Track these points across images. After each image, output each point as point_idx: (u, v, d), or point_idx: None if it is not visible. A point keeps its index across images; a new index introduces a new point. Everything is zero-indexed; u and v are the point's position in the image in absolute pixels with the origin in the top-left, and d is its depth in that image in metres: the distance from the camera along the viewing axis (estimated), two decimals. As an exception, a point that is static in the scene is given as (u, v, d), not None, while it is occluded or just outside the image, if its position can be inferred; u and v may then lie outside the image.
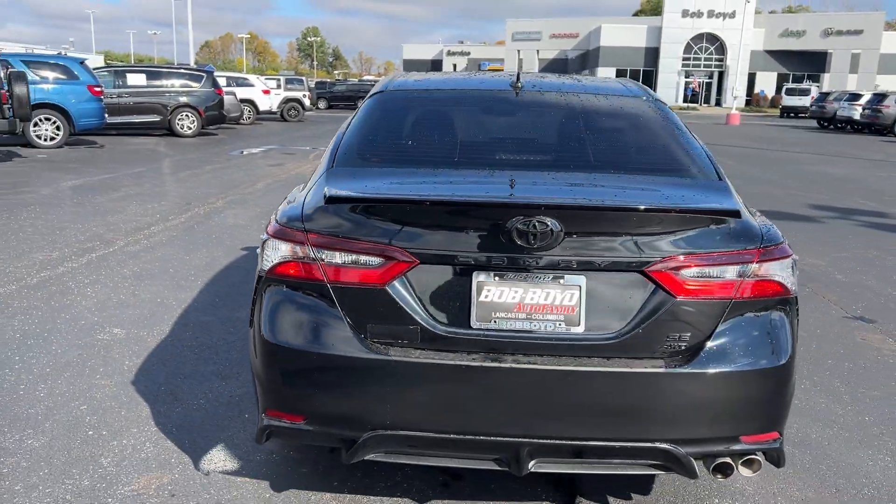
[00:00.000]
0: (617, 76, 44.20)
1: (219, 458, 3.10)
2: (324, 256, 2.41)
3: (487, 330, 2.38)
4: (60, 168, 12.19)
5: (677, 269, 2.36)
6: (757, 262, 2.41)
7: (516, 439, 2.35)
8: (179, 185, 10.80)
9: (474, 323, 2.37)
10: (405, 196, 2.54)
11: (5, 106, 12.34)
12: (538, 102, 3.35)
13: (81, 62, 16.62)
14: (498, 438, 2.36)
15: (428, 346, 2.37)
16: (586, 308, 2.37)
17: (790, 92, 46.28)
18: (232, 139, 19.48)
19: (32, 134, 15.15)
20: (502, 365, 2.33)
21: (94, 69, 17.93)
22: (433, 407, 2.37)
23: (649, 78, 59.33)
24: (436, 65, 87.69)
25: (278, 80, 30.89)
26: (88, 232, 7.34)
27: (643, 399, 2.34)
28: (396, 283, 2.37)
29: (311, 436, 2.49)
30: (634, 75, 58.53)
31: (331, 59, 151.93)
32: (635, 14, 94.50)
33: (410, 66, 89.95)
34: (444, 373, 2.33)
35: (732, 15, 56.87)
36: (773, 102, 56.31)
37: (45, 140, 15.38)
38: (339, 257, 2.40)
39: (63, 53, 23.03)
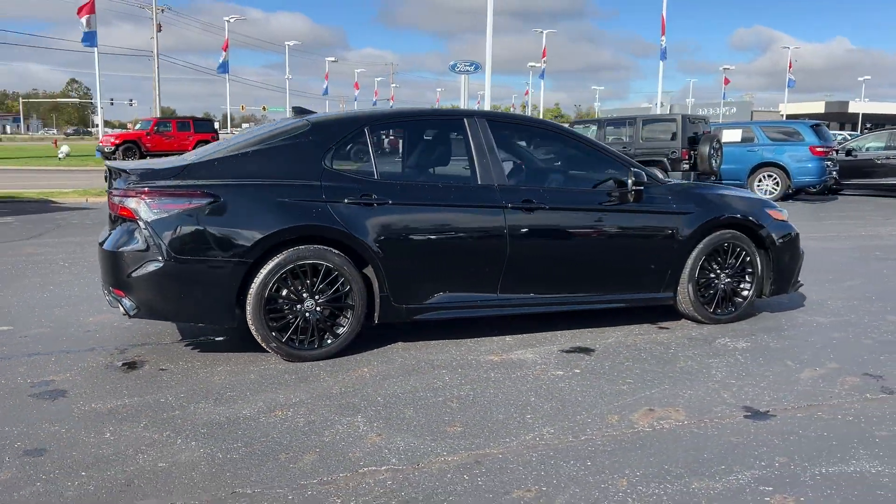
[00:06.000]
0: None
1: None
2: None
3: None
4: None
5: (119, 199, 4.49)
6: (122, 198, 4.45)
7: None
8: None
9: None
10: (108, 164, 4.93)
11: (683, 162, 15.57)
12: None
13: (814, 125, 17.94)
14: None
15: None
16: None
17: None
18: None
19: (755, 187, 17.64)
20: None
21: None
22: None
23: None
24: None
25: None
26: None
27: (120, 262, 4.45)
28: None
29: None
30: None
31: None
32: None
33: None
34: None
35: None
36: None
37: (766, 192, 17.59)
38: None
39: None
